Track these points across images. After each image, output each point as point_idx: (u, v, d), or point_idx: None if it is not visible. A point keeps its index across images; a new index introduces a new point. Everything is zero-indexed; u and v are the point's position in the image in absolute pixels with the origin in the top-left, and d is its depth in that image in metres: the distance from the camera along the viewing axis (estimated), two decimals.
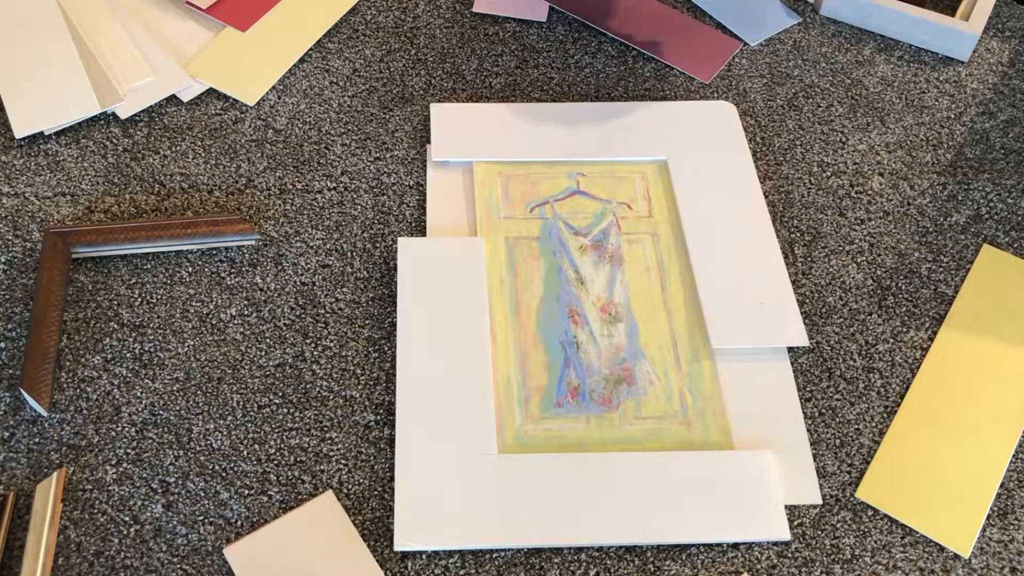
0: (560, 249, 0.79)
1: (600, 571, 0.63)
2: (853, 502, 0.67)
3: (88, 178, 0.82)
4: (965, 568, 0.65)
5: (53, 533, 0.63)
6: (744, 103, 0.92)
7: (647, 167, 0.85)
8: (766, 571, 0.64)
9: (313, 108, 0.88)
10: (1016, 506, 0.68)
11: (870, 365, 0.74)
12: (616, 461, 0.67)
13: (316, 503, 0.64)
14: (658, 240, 0.80)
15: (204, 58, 0.90)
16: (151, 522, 0.64)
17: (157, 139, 0.85)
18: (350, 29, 0.96)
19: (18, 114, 0.84)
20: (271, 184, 0.83)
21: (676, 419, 0.70)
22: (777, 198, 0.84)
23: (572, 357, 0.73)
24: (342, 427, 0.69)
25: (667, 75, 0.94)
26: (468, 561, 0.63)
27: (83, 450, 0.67)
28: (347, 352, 0.73)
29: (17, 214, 0.79)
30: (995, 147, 0.89)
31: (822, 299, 0.78)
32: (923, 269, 0.80)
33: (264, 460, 0.67)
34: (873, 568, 0.64)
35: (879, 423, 0.71)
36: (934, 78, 0.95)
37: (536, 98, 0.91)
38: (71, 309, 0.74)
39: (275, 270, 0.77)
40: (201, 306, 0.75)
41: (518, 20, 0.98)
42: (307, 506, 0.64)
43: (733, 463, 0.67)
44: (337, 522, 0.63)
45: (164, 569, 0.62)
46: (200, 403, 0.70)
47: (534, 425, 0.69)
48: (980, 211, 0.84)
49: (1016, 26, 1.01)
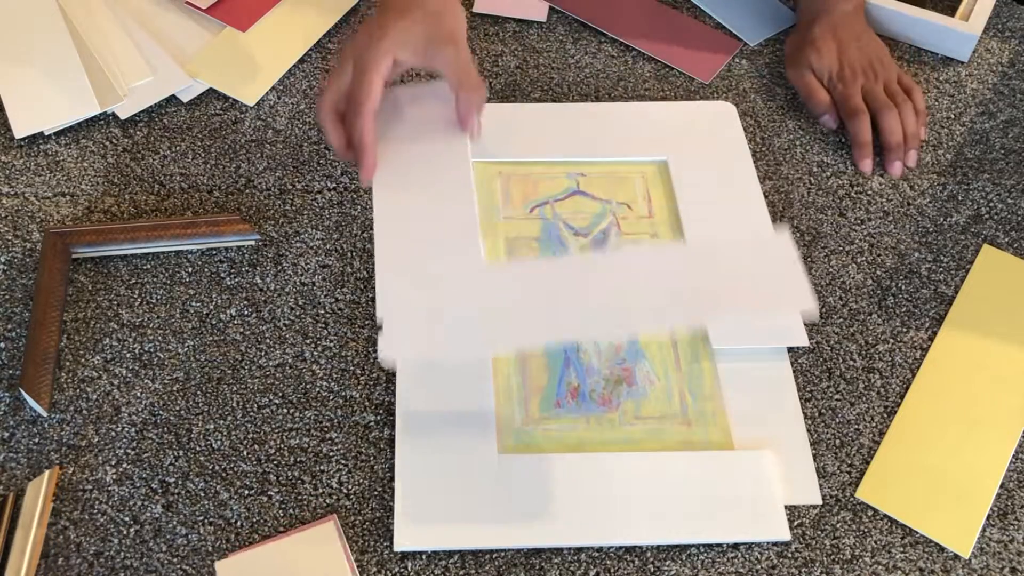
0: (560, 249, 0.79)
1: (600, 571, 0.63)
2: (853, 502, 0.67)
3: (88, 178, 0.82)
4: (965, 568, 0.65)
5: (41, 531, 0.63)
6: (744, 103, 0.92)
7: (647, 167, 0.85)
8: (766, 571, 0.64)
9: (313, 108, 0.88)
10: (1016, 506, 0.68)
11: (870, 365, 0.74)
12: (616, 461, 0.67)
13: (317, 529, 0.63)
14: (658, 240, 0.80)
15: (204, 58, 0.90)
16: (151, 522, 0.64)
17: (157, 139, 0.85)
18: (350, 29, 0.96)
19: (18, 114, 0.84)
20: (271, 184, 0.83)
21: (676, 419, 0.70)
22: (777, 198, 0.84)
23: (572, 357, 0.73)
24: (342, 427, 0.69)
25: (667, 75, 0.94)
26: (468, 561, 0.63)
27: (83, 450, 0.67)
28: (347, 352, 0.73)
29: (17, 214, 0.79)
30: (995, 147, 0.90)
31: (822, 299, 0.78)
32: (923, 269, 0.80)
33: (264, 460, 0.67)
34: (873, 568, 0.64)
35: (879, 423, 0.71)
36: (934, 78, 0.95)
37: (536, 98, 0.91)
38: (71, 309, 0.74)
39: (275, 270, 0.77)
40: (201, 306, 0.75)
41: (518, 20, 0.98)
42: (307, 531, 0.63)
43: (733, 463, 0.67)
44: (333, 555, 0.62)
45: (164, 569, 0.62)
46: (200, 403, 0.70)
47: (534, 425, 0.69)
48: (980, 211, 0.84)
49: (1016, 26, 1.01)
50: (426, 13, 0.72)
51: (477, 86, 0.73)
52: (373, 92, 0.70)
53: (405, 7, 0.72)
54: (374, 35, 0.70)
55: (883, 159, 0.87)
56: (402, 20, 0.71)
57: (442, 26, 0.72)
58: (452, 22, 0.73)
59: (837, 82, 0.90)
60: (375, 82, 0.69)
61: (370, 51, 0.70)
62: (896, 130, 0.87)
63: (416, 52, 0.71)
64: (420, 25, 0.71)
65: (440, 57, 0.72)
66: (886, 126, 0.87)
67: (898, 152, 0.86)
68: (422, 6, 0.72)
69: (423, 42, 0.71)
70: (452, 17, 0.73)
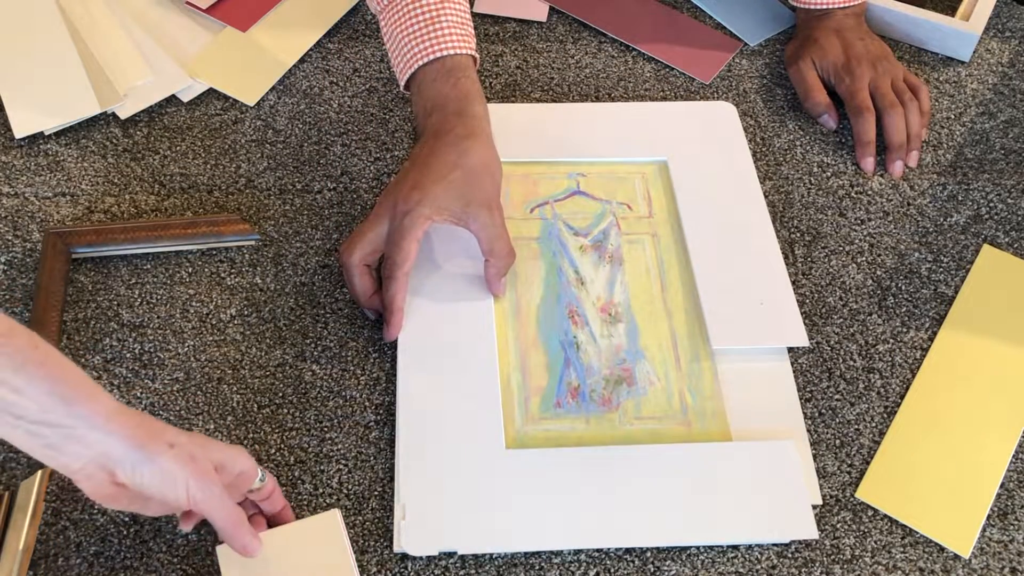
0: (560, 249, 0.79)
1: (600, 571, 0.63)
2: (853, 502, 0.67)
3: (88, 178, 0.82)
4: (965, 568, 0.65)
5: (33, 531, 0.63)
6: (744, 103, 0.92)
7: (647, 167, 0.85)
8: (766, 571, 0.64)
9: (313, 108, 0.89)
10: (1016, 506, 0.68)
11: (870, 365, 0.74)
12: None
13: (320, 519, 0.63)
14: (658, 240, 0.80)
15: (204, 58, 0.90)
16: (151, 522, 0.64)
17: (157, 139, 0.85)
18: (350, 29, 0.96)
19: (18, 114, 0.84)
20: (271, 184, 0.83)
21: (676, 419, 0.70)
22: (777, 198, 0.84)
23: (572, 357, 0.73)
24: (342, 427, 0.69)
25: (667, 75, 0.94)
26: (468, 562, 0.63)
27: None
28: (347, 352, 0.73)
29: (17, 214, 0.79)
30: (995, 147, 0.90)
31: (822, 299, 0.78)
32: (923, 269, 0.80)
33: (264, 460, 0.67)
34: (873, 568, 0.64)
35: (879, 423, 0.71)
36: (934, 78, 0.95)
37: (536, 98, 0.91)
38: (71, 309, 0.74)
39: (275, 270, 0.77)
40: (201, 306, 0.75)
41: (518, 20, 0.98)
42: (310, 520, 0.63)
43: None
44: (335, 545, 0.62)
45: (164, 569, 0.62)
46: (200, 403, 0.70)
47: (534, 425, 0.69)
48: (980, 211, 0.84)
49: (1016, 26, 1.01)
50: (466, 173, 0.71)
51: (507, 254, 0.73)
52: (411, 257, 0.70)
53: (446, 166, 0.71)
54: (413, 196, 0.70)
55: (884, 158, 0.87)
56: (441, 183, 0.70)
57: (480, 189, 0.71)
58: (489, 184, 0.72)
59: (844, 75, 0.89)
60: (412, 248, 0.70)
61: (409, 217, 0.69)
62: (901, 129, 0.86)
63: (453, 215, 0.71)
64: (458, 188, 0.71)
65: (475, 222, 0.71)
66: (891, 125, 0.86)
67: (900, 152, 0.86)
68: (462, 165, 0.71)
69: (460, 206, 0.71)
70: (490, 178, 0.73)
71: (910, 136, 0.87)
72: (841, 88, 0.89)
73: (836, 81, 0.90)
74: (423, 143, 0.73)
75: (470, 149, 0.72)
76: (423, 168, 0.72)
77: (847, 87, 0.89)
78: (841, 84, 0.89)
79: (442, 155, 0.71)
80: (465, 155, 0.71)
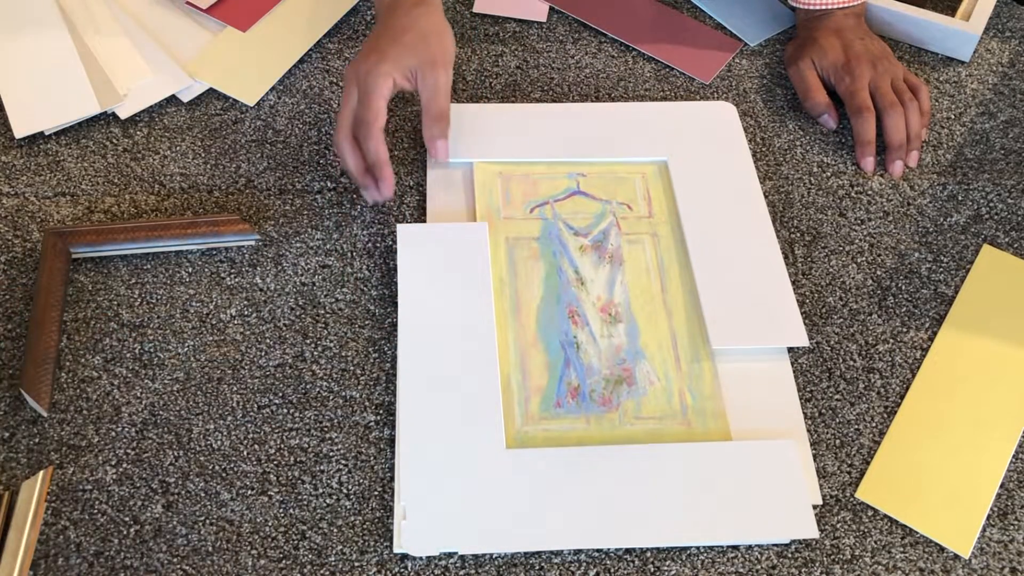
0: (560, 249, 0.79)
1: (600, 571, 0.63)
2: (853, 502, 0.67)
3: (88, 178, 0.82)
4: (965, 568, 0.65)
5: (35, 532, 0.63)
6: (744, 103, 0.92)
7: (647, 167, 0.85)
8: (766, 571, 0.64)
9: (313, 108, 0.89)
10: (1016, 506, 0.68)
11: (870, 365, 0.74)
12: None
13: None
14: (658, 240, 0.80)
15: (204, 58, 0.90)
16: (151, 522, 0.64)
17: (157, 139, 0.85)
18: (350, 29, 0.96)
19: (18, 114, 0.84)
20: (271, 184, 0.83)
21: (676, 419, 0.70)
22: (777, 198, 0.84)
23: (572, 357, 0.73)
24: (342, 427, 0.69)
25: (667, 75, 0.94)
26: (468, 562, 0.63)
27: (83, 450, 0.67)
28: (347, 352, 0.73)
29: (17, 214, 0.79)
30: (995, 147, 0.90)
31: (822, 299, 0.78)
32: (923, 269, 0.80)
33: (264, 460, 0.67)
34: (873, 568, 0.64)
35: (879, 423, 0.71)
36: (934, 78, 0.95)
37: (536, 98, 0.91)
38: (71, 309, 0.74)
39: (275, 270, 0.77)
40: (201, 306, 0.75)
41: (518, 20, 0.98)
42: None
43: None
44: None
45: (164, 569, 0.62)
46: (200, 403, 0.70)
47: (534, 425, 0.69)
48: (980, 211, 0.84)
49: (1016, 26, 1.01)
50: (417, 35, 0.78)
51: (439, 115, 0.79)
52: (380, 113, 0.76)
53: (400, 30, 0.78)
54: (371, 58, 0.77)
55: (884, 158, 0.87)
56: (396, 44, 0.77)
57: (430, 49, 0.78)
58: (437, 46, 0.79)
59: (844, 74, 0.89)
60: (380, 105, 0.76)
61: (371, 76, 0.76)
62: (901, 129, 0.86)
63: (408, 78, 0.78)
64: (411, 47, 0.78)
65: (422, 81, 0.78)
66: (891, 125, 0.87)
67: (900, 152, 0.86)
68: (414, 28, 0.78)
69: (414, 63, 0.78)
70: (439, 40, 0.79)
71: (910, 136, 0.87)
72: (841, 88, 0.89)
73: (836, 81, 0.90)
74: (379, 20, 0.82)
75: (421, 16, 0.79)
76: (379, 36, 0.79)
77: (847, 87, 0.89)
78: (841, 84, 0.89)
79: (396, 22, 0.79)
80: (417, 20, 0.79)
